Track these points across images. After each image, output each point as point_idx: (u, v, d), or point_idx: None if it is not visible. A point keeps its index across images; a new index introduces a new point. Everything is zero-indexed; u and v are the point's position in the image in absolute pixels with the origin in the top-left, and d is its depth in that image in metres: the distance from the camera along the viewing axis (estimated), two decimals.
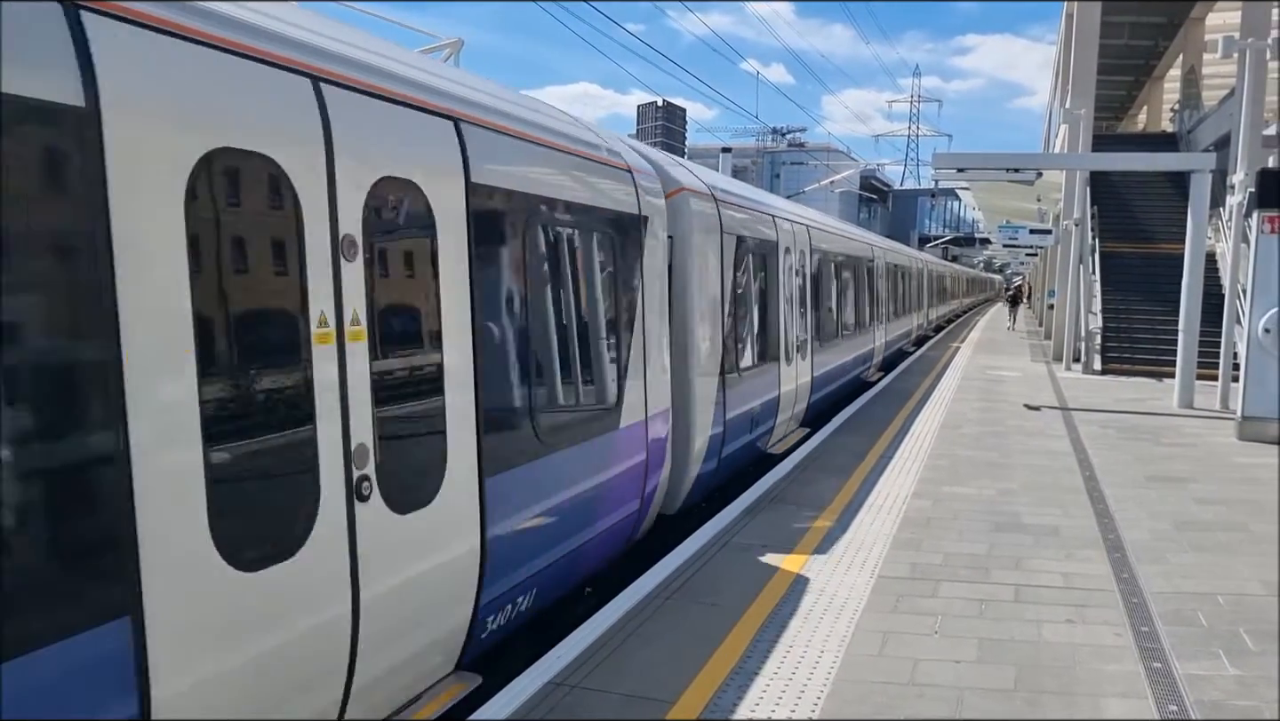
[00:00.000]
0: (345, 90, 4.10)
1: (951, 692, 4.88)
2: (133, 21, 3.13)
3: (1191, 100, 31.22)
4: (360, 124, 4.16)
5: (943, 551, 7.33)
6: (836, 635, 5.62)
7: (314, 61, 3.97)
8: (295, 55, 3.88)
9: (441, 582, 4.65)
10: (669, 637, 5.54)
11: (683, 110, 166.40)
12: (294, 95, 3.83)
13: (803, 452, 11.18)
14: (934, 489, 9.39)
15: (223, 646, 3.39)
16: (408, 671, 4.54)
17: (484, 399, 4.90)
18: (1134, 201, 26.42)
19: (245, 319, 3.61)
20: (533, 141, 5.80)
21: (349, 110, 4.08)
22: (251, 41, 3.64)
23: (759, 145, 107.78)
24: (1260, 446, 11.99)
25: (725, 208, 9.73)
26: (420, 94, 4.70)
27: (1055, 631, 5.74)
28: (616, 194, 6.95)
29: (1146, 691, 4.92)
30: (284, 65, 3.79)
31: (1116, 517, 8.38)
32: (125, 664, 3.02)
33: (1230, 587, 6.56)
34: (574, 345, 6.20)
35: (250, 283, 3.68)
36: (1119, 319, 21.81)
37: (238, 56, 3.55)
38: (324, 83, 3.97)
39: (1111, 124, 47.08)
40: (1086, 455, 11.29)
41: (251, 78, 3.63)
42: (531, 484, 5.53)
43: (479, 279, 4.91)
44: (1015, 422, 13.75)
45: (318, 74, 3.96)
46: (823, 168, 58.80)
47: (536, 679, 4.95)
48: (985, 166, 18.04)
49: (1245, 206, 14.46)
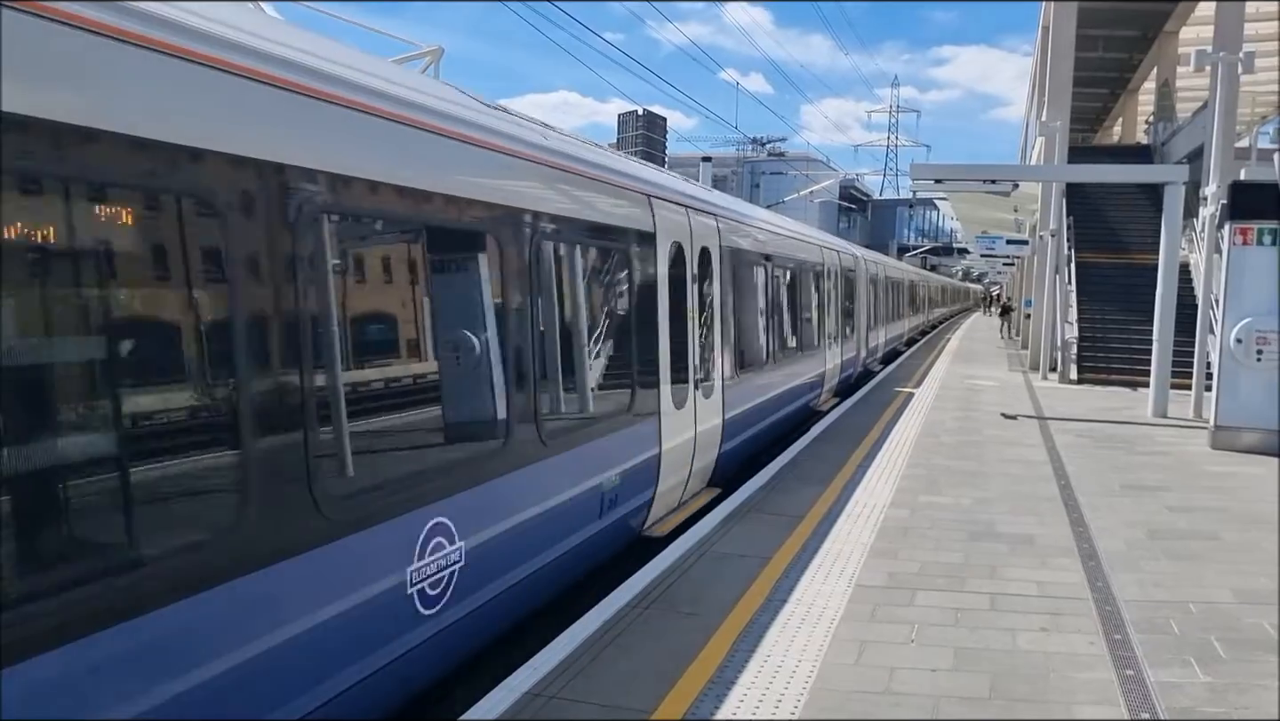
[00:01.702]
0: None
1: (927, 701, 4.91)
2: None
3: (1165, 113, 31.60)
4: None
5: (919, 560, 7.37)
6: (814, 644, 5.63)
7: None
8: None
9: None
10: (647, 648, 5.54)
11: (663, 120, 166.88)
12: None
13: (781, 462, 11.22)
14: (911, 498, 9.44)
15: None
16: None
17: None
18: (1109, 212, 26.69)
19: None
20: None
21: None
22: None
23: (739, 155, 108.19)
24: (1232, 455, 12.12)
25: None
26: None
27: (1030, 639, 5.78)
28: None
29: (1119, 699, 4.96)
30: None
31: (1091, 526, 8.45)
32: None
33: (1202, 596, 6.63)
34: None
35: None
36: (1095, 329, 22.01)
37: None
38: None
39: (1087, 136, 47.58)
40: (1062, 464, 11.39)
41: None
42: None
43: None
44: (992, 432, 13.85)
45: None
46: (802, 177, 59.06)
47: (514, 690, 4.94)
48: (962, 178, 18.21)
49: (1218, 218, 14.64)
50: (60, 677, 3.02)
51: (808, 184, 51.01)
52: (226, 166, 3.70)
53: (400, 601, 4.69)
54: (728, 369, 10.64)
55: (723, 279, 10.57)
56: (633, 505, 7.90)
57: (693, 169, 20.25)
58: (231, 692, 3.67)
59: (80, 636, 3.08)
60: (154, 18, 3.46)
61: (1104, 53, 34.12)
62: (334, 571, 4.26)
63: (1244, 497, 9.74)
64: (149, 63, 3.39)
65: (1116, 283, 22.97)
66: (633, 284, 8.11)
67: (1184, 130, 27.40)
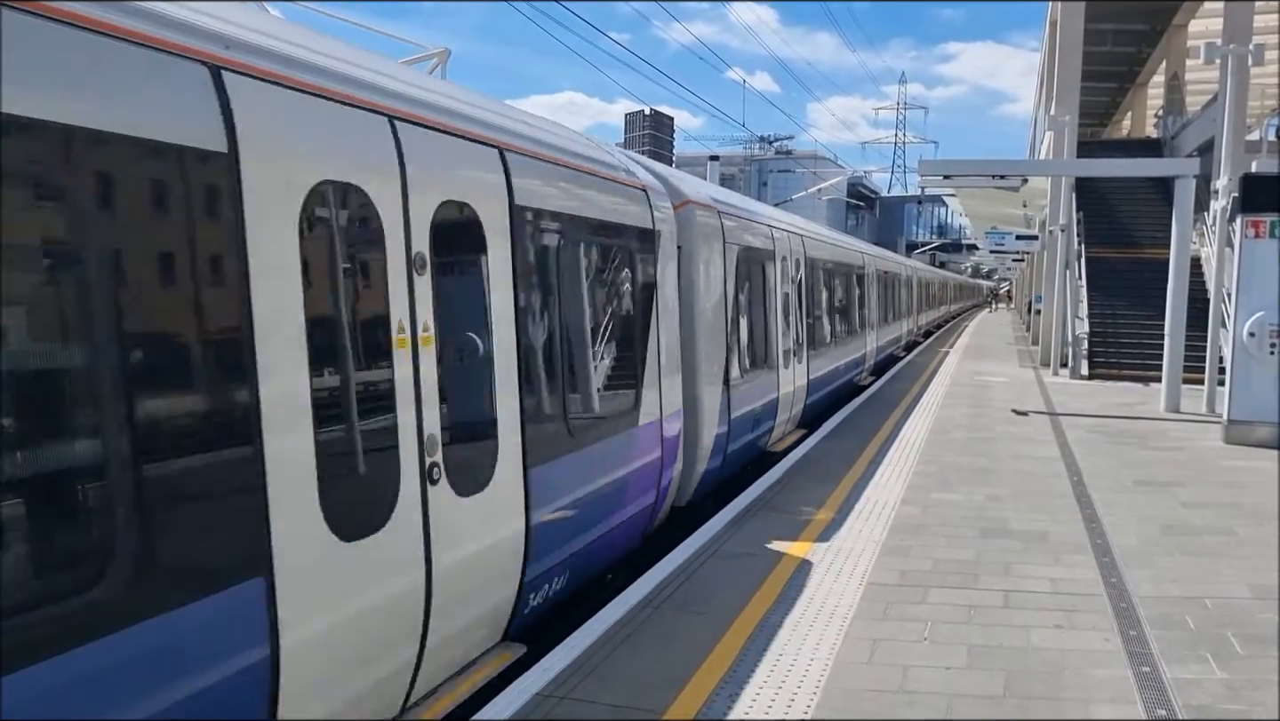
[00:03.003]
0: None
1: (941, 699, 4.87)
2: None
3: (1175, 106, 31.48)
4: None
5: (932, 557, 7.33)
6: (826, 643, 5.61)
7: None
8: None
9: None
10: (658, 647, 5.52)
11: (670, 119, 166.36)
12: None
13: (792, 460, 11.18)
14: (923, 495, 9.40)
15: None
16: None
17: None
18: (1119, 207, 26.58)
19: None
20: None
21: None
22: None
23: (746, 153, 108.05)
24: (1246, 450, 12.04)
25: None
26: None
27: (1044, 637, 5.74)
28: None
29: (1135, 696, 4.92)
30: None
31: (1104, 522, 8.40)
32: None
33: (1218, 591, 6.58)
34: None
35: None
36: (1105, 324, 21.90)
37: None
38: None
39: (1096, 130, 47.40)
40: (1074, 460, 11.32)
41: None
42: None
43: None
44: (1003, 428, 13.79)
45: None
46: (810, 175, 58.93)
47: (525, 691, 4.93)
48: (971, 174, 18.13)
49: (1229, 211, 14.57)
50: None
51: (815, 181, 50.85)
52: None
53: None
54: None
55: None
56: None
57: (700, 168, 20.29)
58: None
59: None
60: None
61: (1113, 47, 33.95)
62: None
63: (1258, 492, 9.67)
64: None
65: (1127, 277, 22.86)
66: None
67: (1194, 123, 27.26)
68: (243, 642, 3.48)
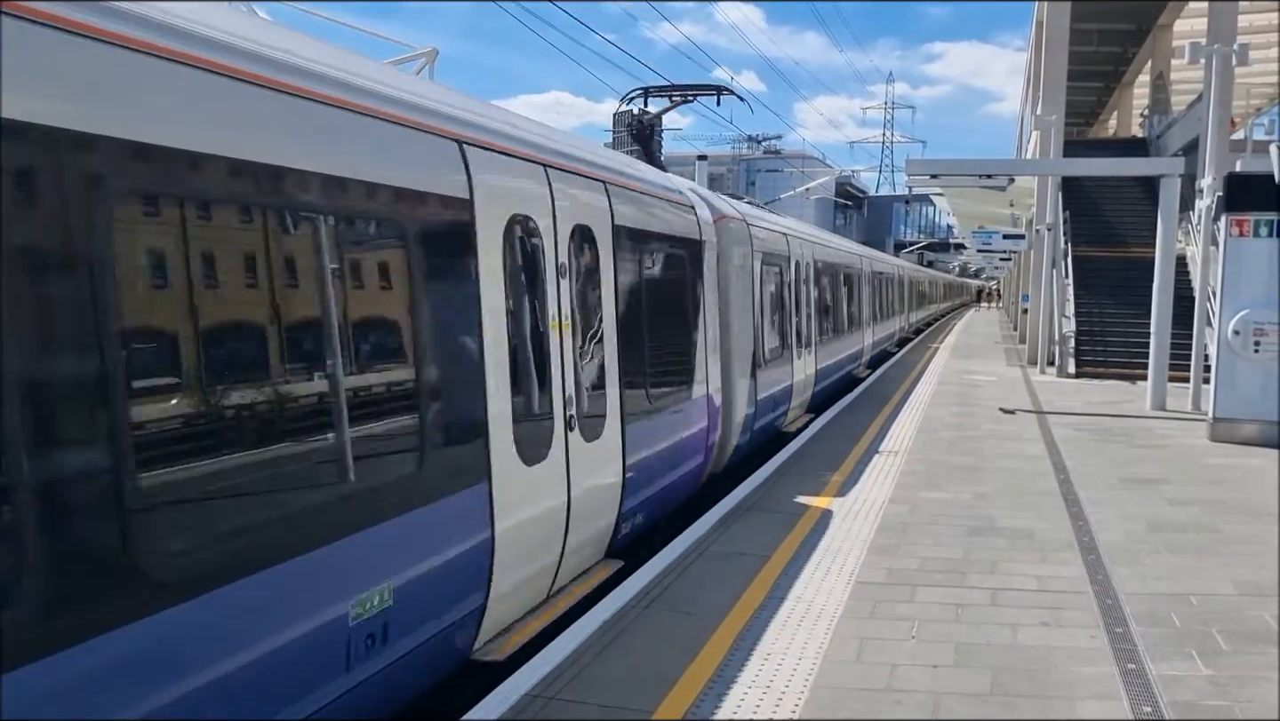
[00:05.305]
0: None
1: (928, 697, 4.89)
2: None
3: (1160, 105, 31.62)
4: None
5: (919, 556, 7.35)
6: (814, 642, 5.62)
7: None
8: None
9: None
10: (647, 647, 5.52)
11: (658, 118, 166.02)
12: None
13: (781, 458, 11.20)
14: (911, 494, 9.42)
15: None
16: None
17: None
18: (1105, 206, 26.69)
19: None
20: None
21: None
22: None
23: (734, 152, 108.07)
24: (1232, 447, 12.12)
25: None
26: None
27: (1031, 634, 5.76)
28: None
29: (1121, 693, 4.95)
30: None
31: (1090, 520, 8.44)
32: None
33: (1203, 588, 6.62)
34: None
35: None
36: (1092, 322, 22.01)
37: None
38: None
39: (1082, 129, 47.61)
40: (1061, 458, 11.38)
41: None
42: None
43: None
44: (990, 427, 13.84)
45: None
46: (798, 175, 58.95)
47: (514, 691, 4.92)
48: (958, 173, 18.21)
49: (1214, 210, 14.64)
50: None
51: (803, 181, 50.89)
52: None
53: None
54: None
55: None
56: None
57: (688, 168, 20.25)
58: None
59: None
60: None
61: (1098, 46, 34.13)
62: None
63: (1244, 489, 9.74)
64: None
65: (1113, 276, 22.97)
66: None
67: (1179, 123, 27.39)
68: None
